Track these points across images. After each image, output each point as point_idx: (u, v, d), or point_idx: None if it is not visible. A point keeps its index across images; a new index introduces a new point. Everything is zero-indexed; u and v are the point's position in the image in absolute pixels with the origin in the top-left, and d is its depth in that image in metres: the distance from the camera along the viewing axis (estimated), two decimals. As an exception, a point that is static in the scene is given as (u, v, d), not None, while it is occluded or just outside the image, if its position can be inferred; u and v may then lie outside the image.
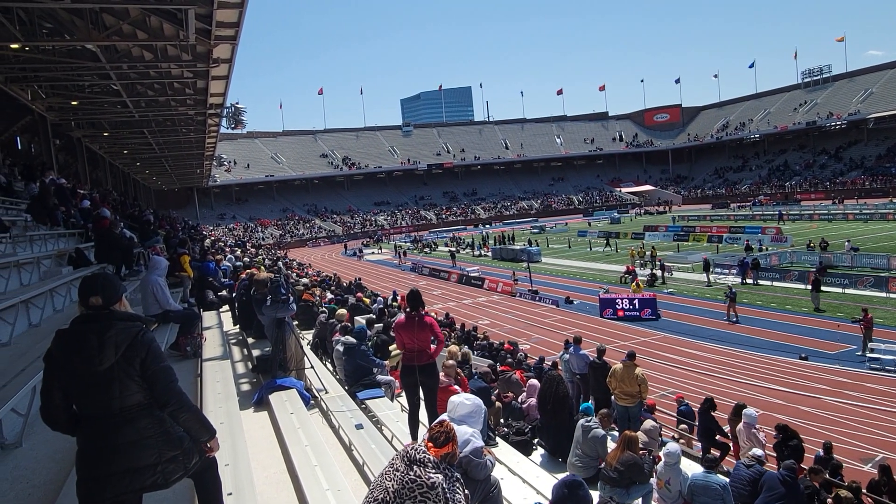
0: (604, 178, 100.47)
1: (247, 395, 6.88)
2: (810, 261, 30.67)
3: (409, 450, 2.99)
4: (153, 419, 2.80)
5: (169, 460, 2.83)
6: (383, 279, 39.68)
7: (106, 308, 2.80)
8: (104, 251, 10.67)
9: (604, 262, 39.46)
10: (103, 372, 2.67)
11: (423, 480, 2.83)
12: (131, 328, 2.78)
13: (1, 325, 6.09)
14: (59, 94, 20.19)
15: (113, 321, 2.77)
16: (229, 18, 13.63)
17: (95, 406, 2.71)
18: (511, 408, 9.37)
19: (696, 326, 21.96)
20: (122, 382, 2.70)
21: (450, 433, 3.07)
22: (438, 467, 2.92)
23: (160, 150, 33.75)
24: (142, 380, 2.76)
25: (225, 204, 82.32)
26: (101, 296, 2.79)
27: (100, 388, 2.69)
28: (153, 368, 2.78)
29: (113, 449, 2.70)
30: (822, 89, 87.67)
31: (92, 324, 2.74)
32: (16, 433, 4.31)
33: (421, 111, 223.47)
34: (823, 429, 12.89)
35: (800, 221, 53.27)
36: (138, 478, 2.75)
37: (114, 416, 2.71)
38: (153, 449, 2.78)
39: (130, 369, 2.72)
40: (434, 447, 3.00)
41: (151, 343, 2.82)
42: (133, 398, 2.74)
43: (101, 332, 2.70)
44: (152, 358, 2.79)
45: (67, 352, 2.70)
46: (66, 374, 2.69)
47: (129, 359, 2.72)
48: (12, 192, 12.65)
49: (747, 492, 6.85)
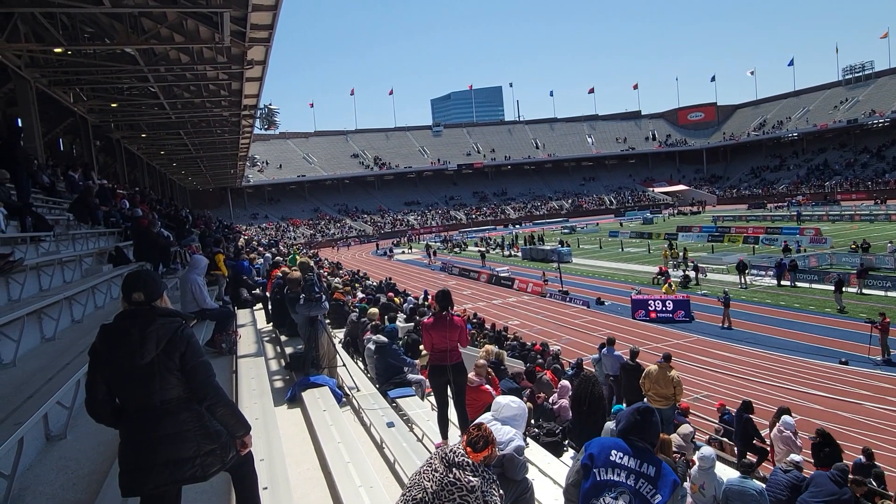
0: (636, 178, 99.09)
1: (280, 391, 6.97)
2: (851, 263, 29.76)
3: (447, 452, 3.00)
4: (192, 413, 2.87)
5: (207, 453, 2.89)
6: (413, 279, 39.79)
7: (148, 304, 2.87)
8: (142, 250, 10.93)
9: (636, 262, 38.94)
10: (145, 366, 2.74)
11: (463, 483, 2.85)
12: (172, 324, 2.85)
13: (46, 320, 6.27)
14: (100, 96, 20.76)
15: (154, 316, 2.83)
16: (263, 21, 13.84)
17: (137, 399, 2.78)
18: (542, 408, 9.31)
19: (732, 329, 21.50)
20: (162, 376, 2.77)
21: (488, 437, 3.08)
22: (477, 471, 2.93)
23: (196, 151, 34.47)
24: (181, 374, 2.82)
25: (258, 204, 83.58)
26: (143, 292, 2.86)
27: (141, 382, 2.76)
28: (192, 363, 2.84)
29: (154, 441, 2.76)
30: (863, 86, 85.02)
31: (134, 319, 2.81)
32: (61, 425, 4.44)
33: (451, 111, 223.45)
34: (865, 435, 12.50)
35: (840, 222, 51.74)
36: (178, 470, 2.81)
37: (154, 410, 2.78)
38: (192, 442, 2.84)
39: (170, 363, 2.79)
40: (473, 451, 3.01)
41: (191, 338, 2.88)
42: (173, 392, 2.81)
43: (143, 327, 2.77)
44: (192, 353, 2.85)
45: (111, 346, 2.77)
46: (110, 368, 2.77)
47: (170, 353, 2.79)
48: (55, 193, 13.02)
49: (785, 497, 6.69)
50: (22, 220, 8.43)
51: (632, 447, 3.03)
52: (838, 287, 22.98)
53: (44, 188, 12.43)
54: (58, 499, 3.54)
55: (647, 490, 2.92)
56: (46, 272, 7.49)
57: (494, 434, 3.85)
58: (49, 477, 3.80)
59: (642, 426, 3.08)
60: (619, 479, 2.96)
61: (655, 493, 2.91)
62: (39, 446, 4.18)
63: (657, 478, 2.94)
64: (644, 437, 3.07)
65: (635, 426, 3.09)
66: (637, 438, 3.06)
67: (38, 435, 4.18)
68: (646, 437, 3.08)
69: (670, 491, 2.92)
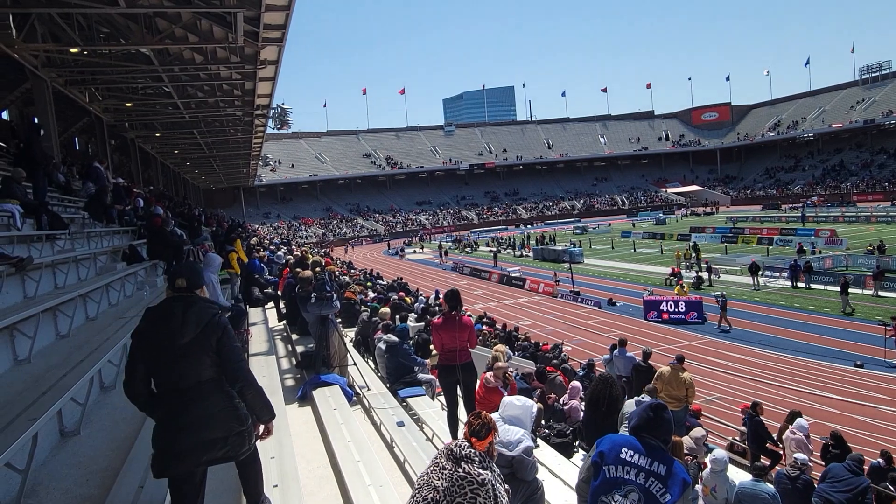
0: (649, 179, 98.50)
1: (291, 390, 7.00)
2: (867, 265, 29.39)
3: (453, 447, 3.00)
4: (223, 395, 3.07)
5: (237, 434, 3.08)
6: (424, 278, 39.81)
7: (190, 291, 3.13)
8: (156, 248, 11.02)
9: (648, 263, 38.72)
10: (184, 345, 2.96)
11: (474, 477, 2.86)
12: (210, 310, 3.11)
13: (61, 317, 6.34)
14: (115, 96, 20.96)
15: (195, 301, 3.09)
16: (276, 21, 13.90)
17: (173, 379, 2.98)
18: (553, 409, 9.28)
19: (744, 331, 21.30)
20: (198, 357, 2.99)
21: (489, 423, 3.11)
22: (485, 462, 2.94)
23: (209, 150, 34.72)
24: (216, 356, 3.04)
25: (270, 203, 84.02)
26: (185, 279, 3.13)
27: (178, 362, 2.97)
28: (227, 347, 3.07)
29: (188, 422, 2.95)
30: (881, 86, 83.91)
31: (178, 302, 3.06)
32: (75, 421, 4.49)
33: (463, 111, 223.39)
34: (880, 439, 12.35)
35: (856, 224, 51.15)
36: (210, 449, 3.00)
37: (189, 391, 2.98)
38: (223, 422, 3.03)
39: (206, 345, 3.01)
40: (477, 440, 3.04)
41: (226, 325, 3.13)
42: (206, 373, 3.02)
43: (185, 310, 3.02)
44: (227, 338, 3.08)
45: (155, 325, 3.01)
46: (152, 347, 2.98)
47: (207, 335, 3.01)
48: (71, 191, 13.16)
49: None
50: (38, 219, 8.53)
51: (644, 445, 3.02)
52: (844, 289, 22.86)
53: (59, 187, 12.57)
54: (71, 494, 3.57)
55: (658, 489, 2.90)
56: (62, 270, 7.57)
57: (502, 435, 3.85)
58: (62, 473, 3.83)
59: (655, 423, 3.06)
60: (629, 477, 2.95)
61: (665, 492, 2.89)
62: (53, 442, 4.22)
63: (668, 476, 2.92)
64: (656, 435, 3.06)
65: (648, 423, 3.07)
66: (649, 436, 3.04)
67: (52, 431, 4.23)
68: (658, 434, 3.06)
69: (680, 490, 2.90)
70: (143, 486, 3.42)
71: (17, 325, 5.19)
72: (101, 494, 3.47)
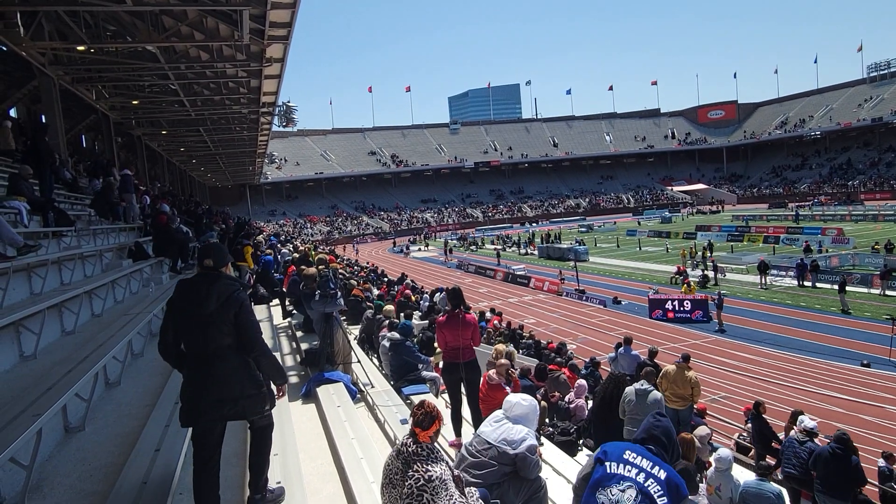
0: (655, 177, 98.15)
1: (295, 387, 7.01)
2: (874, 264, 29.22)
3: (401, 448, 3.18)
4: (240, 360, 3.45)
5: (248, 396, 3.46)
6: (429, 276, 39.83)
7: (216, 269, 3.51)
8: (161, 245, 11.06)
9: (653, 262, 38.61)
10: (207, 315, 3.35)
11: (422, 475, 3.01)
12: (231, 286, 3.48)
13: (66, 314, 6.37)
14: (122, 93, 21.03)
15: (219, 278, 3.47)
16: (282, 19, 13.92)
17: (198, 344, 3.39)
18: (557, 408, 9.26)
19: (751, 329, 21.22)
20: (218, 327, 3.37)
21: (432, 412, 3.23)
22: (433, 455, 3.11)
23: (215, 148, 34.81)
24: (234, 327, 3.41)
25: (276, 200, 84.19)
26: (212, 259, 3.52)
27: (202, 329, 3.36)
28: (244, 319, 3.45)
29: (208, 381, 3.35)
30: (889, 84, 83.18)
31: (204, 278, 3.46)
32: (79, 417, 4.51)
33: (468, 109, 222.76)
34: (886, 439, 12.28)
35: (863, 222, 50.86)
36: (224, 407, 3.38)
37: (211, 355, 3.37)
38: (237, 384, 3.41)
39: (226, 316, 3.38)
40: (421, 430, 3.18)
41: (245, 300, 3.50)
42: (226, 340, 3.40)
43: (210, 284, 3.42)
44: (244, 311, 3.45)
45: (183, 296, 3.44)
46: (181, 315, 3.42)
47: (226, 308, 3.38)
48: (77, 188, 13.22)
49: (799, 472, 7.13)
50: (44, 216, 8.57)
51: (648, 451, 3.07)
52: (842, 287, 22.89)
53: (66, 184, 12.63)
54: (75, 489, 3.59)
55: (655, 490, 2.93)
56: (68, 267, 7.61)
57: (507, 433, 3.84)
58: (67, 468, 3.86)
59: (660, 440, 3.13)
60: (628, 475, 2.99)
61: (663, 495, 2.91)
62: (58, 438, 4.24)
63: (667, 482, 2.96)
64: (660, 446, 3.11)
65: (653, 438, 3.13)
66: (654, 447, 3.10)
67: (56, 426, 4.25)
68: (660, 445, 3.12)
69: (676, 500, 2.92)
70: (147, 481, 3.44)
71: (23, 321, 5.22)
72: (105, 489, 3.49)
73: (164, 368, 5.95)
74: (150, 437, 4.01)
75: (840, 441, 6.76)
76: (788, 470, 7.28)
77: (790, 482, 7.39)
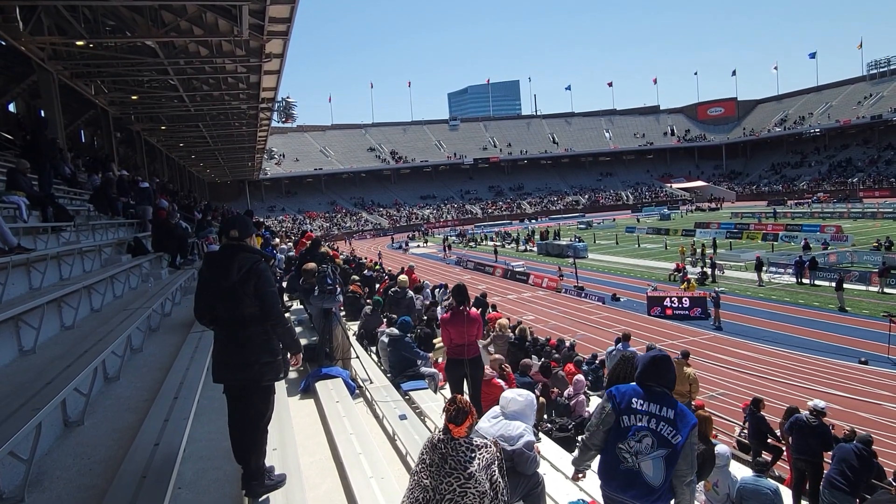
0: (654, 174, 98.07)
1: (294, 382, 7.02)
2: (872, 261, 29.25)
3: (436, 442, 3.04)
4: (260, 329, 3.65)
5: (264, 363, 3.65)
6: (428, 272, 39.78)
7: (240, 241, 3.70)
8: (160, 241, 11.04)
9: (652, 259, 38.64)
10: (230, 285, 3.55)
11: (460, 472, 2.90)
12: (252, 258, 3.65)
13: (65, 309, 6.38)
14: (121, 88, 21.00)
15: (241, 250, 3.66)
16: (281, 14, 13.89)
17: (224, 311, 3.61)
18: (556, 404, 9.29)
19: (749, 327, 21.27)
20: (240, 297, 3.56)
21: (464, 407, 3.16)
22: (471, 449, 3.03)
23: (214, 144, 34.76)
24: (255, 298, 3.59)
25: (275, 196, 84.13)
26: (237, 230, 3.71)
27: (227, 298, 3.57)
28: (264, 290, 3.61)
29: (231, 345, 3.60)
30: (888, 81, 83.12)
31: (228, 250, 3.67)
32: (78, 412, 4.52)
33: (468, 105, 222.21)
34: (884, 436, 12.31)
35: (862, 220, 50.89)
36: (241, 371, 3.60)
37: (235, 321, 3.60)
38: (255, 350, 3.61)
39: (247, 287, 3.56)
40: (455, 426, 3.10)
41: (264, 272, 3.67)
42: (248, 310, 3.59)
43: (232, 256, 3.61)
44: (263, 282, 3.62)
45: (209, 267, 3.71)
46: (207, 285, 3.67)
47: (247, 279, 3.56)
48: (76, 184, 13.21)
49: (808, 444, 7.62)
50: (44, 211, 8.57)
51: (650, 392, 3.28)
52: (839, 285, 22.93)
53: (65, 179, 12.61)
54: (75, 484, 3.60)
55: (668, 431, 3.16)
56: (67, 262, 7.61)
57: (504, 429, 3.86)
58: (66, 462, 3.87)
59: (659, 372, 3.33)
60: (641, 424, 3.21)
61: (676, 434, 3.15)
62: (57, 432, 4.25)
63: (676, 420, 3.18)
64: (661, 382, 3.32)
65: (653, 373, 3.33)
66: (654, 384, 3.30)
67: (56, 421, 4.26)
68: (663, 381, 3.32)
69: (688, 432, 3.14)
70: (146, 475, 3.45)
71: (23, 315, 5.22)
72: (105, 484, 3.49)
73: (163, 363, 5.96)
74: (150, 432, 4.02)
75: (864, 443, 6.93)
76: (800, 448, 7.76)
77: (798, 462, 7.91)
